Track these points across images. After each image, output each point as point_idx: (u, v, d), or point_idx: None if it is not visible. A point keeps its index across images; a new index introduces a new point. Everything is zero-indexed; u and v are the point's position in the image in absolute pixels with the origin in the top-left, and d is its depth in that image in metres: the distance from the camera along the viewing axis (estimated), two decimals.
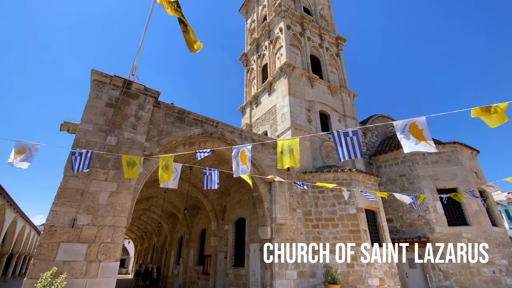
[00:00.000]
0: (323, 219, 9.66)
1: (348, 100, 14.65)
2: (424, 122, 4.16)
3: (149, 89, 7.43)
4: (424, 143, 4.18)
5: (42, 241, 5.02)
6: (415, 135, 4.19)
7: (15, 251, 22.74)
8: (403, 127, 4.22)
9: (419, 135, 4.18)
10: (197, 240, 15.06)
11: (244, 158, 5.24)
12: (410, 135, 4.19)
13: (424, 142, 4.18)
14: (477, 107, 4.04)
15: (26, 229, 23.49)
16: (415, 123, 4.17)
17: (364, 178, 10.49)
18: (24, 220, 21.77)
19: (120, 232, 5.76)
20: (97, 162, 6.03)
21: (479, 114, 4.03)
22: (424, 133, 4.16)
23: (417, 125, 4.17)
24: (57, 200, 5.39)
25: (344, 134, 4.44)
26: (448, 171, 11.94)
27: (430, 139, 4.18)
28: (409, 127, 4.19)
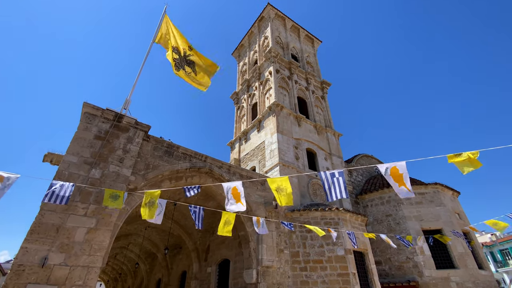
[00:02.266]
0: (311, 261, 9.32)
1: (333, 139, 15.20)
2: (404, 166, 4.38)
3: (140, 123, 7.50)
4: (403, 188, 4.37)
5: (8, 281, 4.54)
6: (395, 179, 4.38)
7: None
8: (384, 170, 4.41)
9: (399, 180, 4.37)
10: (176, 284, 13.93)
11: (237, 195, 5.20)
12: (391, 179, 4.37)
13: (403, 187, 4.38)
14: (451, 154, 4.34)
15: None
16: (396, 167, 4.38)
17: (352, 217, 10.46)
18: None
19: (94, 273, 5.32)
20: (77, 196, 5.78)
21: (453, 159, 4.31)
22: (404, 177, 4.36)
23: (398, 169, 4.38)
24: (30, 236, 5.02)
25: (331, 174, 4.57)
26: (432, 212, 12.14)
27: (409, 184, 4.38)
28: (390, 171, 4.38)
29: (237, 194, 5.24)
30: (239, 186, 5.29)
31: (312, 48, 20.34)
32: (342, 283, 8.76)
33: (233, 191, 5.27)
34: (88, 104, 6.81)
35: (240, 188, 5.28)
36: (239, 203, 5.18)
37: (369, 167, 16.40)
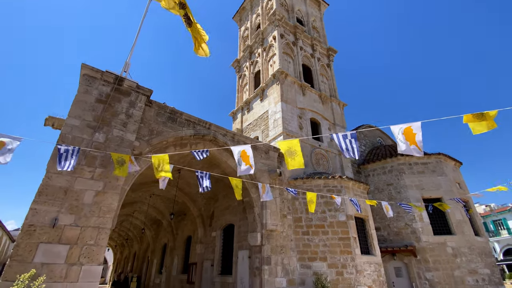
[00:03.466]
0: (313, 226, 9.59)
1: (338, 109, 14.93)
2: (418, 126, 4.28)
3: (141, 87, 7.24)
4: (414, 147, 4.30)
5: (19, 241, 4.64)
6: (407, 138, 4.31)
7: None
8: (398, 130, 4.31)
9: (411, 139, 4.30)
10: (181, 248, 14.55)
11: (246, 158, 5.14)
12: (403, 138, 4.29)
13: (414, 145, 4.31)
14: (468, 114, 4.20)
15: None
16: (411, 127, 4.27)
17: (354, 185, 10.58)
18: None
19: (105, 234, 5.43)
20: (83, 160, 5.72)
21: (470, 120, 4.19)
22: (416, 137, 4.28)
23: (412, 129, 4.28)
24: (38, 198, 5.03)
25: (343, 136, 4.46)
26: (434, 181, 12.28)
27: (420, 144, 4.31)
28: (403, 130, 4.29)
29: (246, 157, 5.18)
30: (248, 149, 5.21)
31: (318, 11, 19.20)
32: (343, 246, 9.09)
33: (243, 154, 5.21)
34: (86, 65, 6.50)
35: (249, 151, 5.21)
36: (248, 165, 5.14)
37: (373, 137, 16.33)
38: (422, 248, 10.91)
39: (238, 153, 5.25)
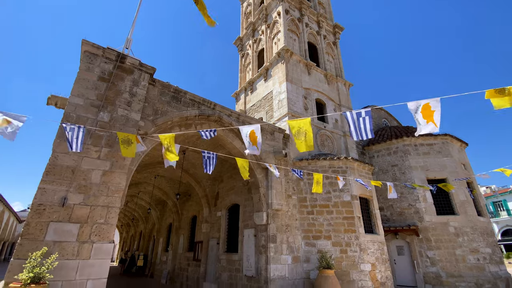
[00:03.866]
0: (318, 206, 9.66)
1: (344, 89, 14.60)
2: (437, 103, 4.10)
3: (144, 65, 7.00)
4: (431, 124, 4.15)
5: (29, 220, 4.66)
6: (425, 116, 4.15)
7: None
8: (415, 107, 4.14)
9: (429, 116, 4.14)
10: (187, 227, 14.84)
11: (254, 138, 5.03)
12: (421, 116, 4.13)
13: (431, 123, 4.15)
14: (491, 89, 4.03)
15: (5, 214, 22.47)
16: (429, 104, 4.10)
17: (359, 166, 10.54)
18: (3, 205, 20.78)
19: (114, 213, 5.46)
20: (89, 139, 5.64)
21: (492, 96, 4.02)
22: (434, 114, 4.12)
23: (430, 106, 4.11)
24: (46, 177, 5.00)
25: (357, 114, 4.30)
26: (439, 162, 12.22)
27: (438, 121, 4.15)
28: (421, 107, 4.12)
29: (255, 137, 5.07)
30: (256, 130, 5.09)
31: None
32: (347, 225, 9.20)
33: (251, 135, 5.10)
34: (87, 41, 6.24)
35: (257, 132, 5.09)
36: (254, 146, 5.04)
37: (378, 119, 16.11)
38: (424, 227, 11.06)
39: (246, 133, 5.13)
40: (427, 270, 10.54)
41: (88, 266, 4.87)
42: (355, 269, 8.60)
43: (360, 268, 8.60)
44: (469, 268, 10.19)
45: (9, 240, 30.14)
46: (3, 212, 21.54)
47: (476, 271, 10.11)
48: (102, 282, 4.94)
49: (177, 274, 14.39)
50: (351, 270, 8.60)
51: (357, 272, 8.56)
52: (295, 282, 8.60)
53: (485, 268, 10.15)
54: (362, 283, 8.42)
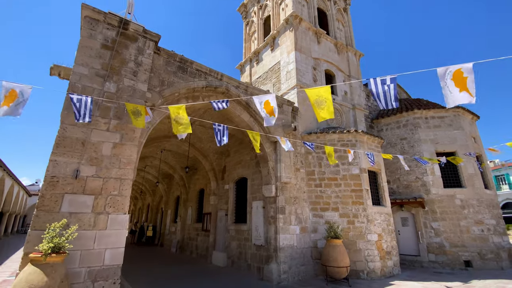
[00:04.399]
0: (326, 179, 9.68)
1: (354, 60, 13.99)
2: (470, 68, 3.79)
3: (148, 32, 6.59)
4: (465, 94, 3.85)
5: (44, 192, 4.64)
6: (457, 84, 3.84)
7: (5, 210, 22.47)
8: (445, 73, 3.84)
9: (462, 84, 3.83)
10: (194, 200, 15.14)
11: (270, 109, 4.81)
12: (453, 84, 3.83)
13: (465, 92, 3.86)
14: None
15: (14, 188, 23.00)
16: (461, 69, 3.79)
17: (369, 139, 10.38)
18: (12, 179, 21.18)
19: (127, 185, 5.44)
20: (96, 111, 5.46)
21: None
22: (468, 81, 3.80)
23: (462, 72, 3.79)
24: (56, 150, 4.91)
25: (381, 81, 4.03)
26: (449, 135, 12.01)
27: (473, 89, 3.84)
28: (452, 74, 3.82)
29: (270, 107, 4.85)
30: (272, 100, 4.85)
31: None
32: (355, 198, 9.27)
33: (266, 105, 4.87)
34: (87, 6, 5.81)
35: (273, 102, 4.85)
36: (272, 116, 4.84)
37: None
38: (431, 200, 11.15)
39: (261, 103, 4.90)
40: (430, 240, 10.80)
41: (105, 236, 4.95)
42: (362, 239, 8.80)
43: (367, 238, 8.80)
44: (473, 239, 10.41)
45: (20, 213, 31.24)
46: (12, 186, 22.03)
47: (479, 242, 10.35)
48: (119, 251, 5.04)
49: (186, 243, 14.95)
50: (358, 240, 8.80)
51: (364, 242, 8.77)
52: (303, 251, 8.87)
53: (488, 239, 10.36)
54: (368, 252, 8.66)
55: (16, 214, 28.72)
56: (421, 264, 10.74)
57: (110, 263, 4.89)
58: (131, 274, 8.64)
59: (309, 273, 8.73)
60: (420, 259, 10.83)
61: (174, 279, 8.32)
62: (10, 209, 23.45)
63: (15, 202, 25.13)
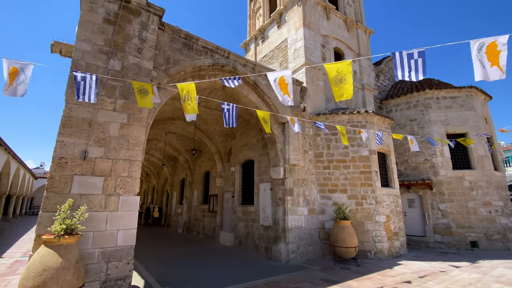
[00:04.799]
0: (334, 161, 9.55)
1: (364, 37, 13.40)
2: (505, 42, 3.48)
3: (152, 5, 6.20)
4: (496, 69, 3.57)
5: (53, 173, 4.53)
6: (490, 58, 3.56)
7: (12, 193, 22.79)
8: (479, 47, 3.55)
9: (494, 57, 3.54)
10: (200, 182, 15.17)
11: (285, 86, 4.53)
12: (485, 58, 3.55)
13: (496, 67, 3.58)
14: None
15: (20, 171, 23.18)
16: (495, 42, 3.50)
17: (379, 120, 10.12)
18: (17, 162, 21.28)
19: (137, 166, 5.32)
20: (102, 90, 5.23)
21: None
22: (500, 56, 3.52)
23: (496, 45, 3.51)
24: (63, 130, 4.74)
25: (408, 55, 3.75)
26: (461, 116, 11.71)
27: (504, 63, 3.56)
28: (486, 48, 3.53)
29: (285, 85, 4.58)
30: (287, 76, 4.57)
31: None
32: (364, 179, 9.18)
33: (280, 82, 4.59)
34: None
35: (288, 79, 4.58)
36: (286, 95, 4.58)
37: None
38: (439, 181, 11.06)
39: (275, 80, 4.63)
40: (437, 221, 10.83)
41: (117, 218, 4.90)
42: (370, 220, 8.80)
43: (375, 219, 8.79)
44: (480, 220, 10.41)
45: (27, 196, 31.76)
46: (18, 169, 22.20)
47: (486, 223, 10.35)
48: (131, 232, 5.01)
49: (193, 224, 15.17)
50: (366, 221, 8.81)
51: (372, 223, 8.78)
52: (311, 231, 8.91)
53: (496, 220, 10.36)
54: (376, 233, 8.68)
55: (23, 196, 29.21)
56: (427, 244, 10.84)
57: (123, 244, 4.88)
58: (140, 253, 8.77)
59: (317, 253, 8.83)
60: (426, 240, 10.92)
61: (183, 257, 8.45)
62: (17, 192, 23.78)
63: (21, 185, 25.45)
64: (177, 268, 7.27)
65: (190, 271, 7.00)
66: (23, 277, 3.55)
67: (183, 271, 7.01)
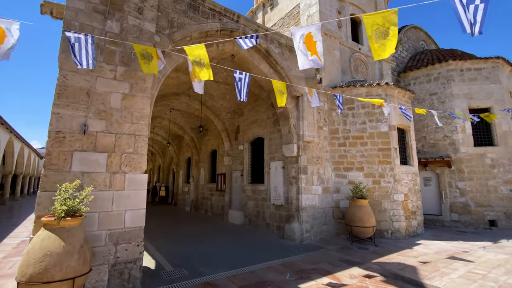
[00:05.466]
0: (351, 138, 8.98)
1: (382, 3, 12.25)
2: None
3: None
4: None
5: (50, 149, 4.04)
6: None
7: (18, 172, 22.78)
8: None
9: None
10: (207, 161, 14.80)
11: (312, 45, 3.84)
12: None
13: None
14: None
15: (25, 151, 23.02)
16: None
17: (399, 94, 9.40)
18: (21, 142, 21.02)
19: (143, 141, 4.81)
20: (99, 55, 4.60)
21: None
22: None
23: None
24: (58, 101, 4.19)
25: (467, 1, 3.03)
26: (485, 90, 10.90)
27: None
28: None
29: (313, 43, 3.90)
30: (315, 32, 3.88)
31: None
32: (382, 157, 8.66)
33: (308, 40, 3.90)
34: None
35: (316, 35, 3.89)
36: (315, 56, 3.91)
37: (416, 41, 14.05)
38: (458, 159, 10.52)
39: (300, 37, 3.95)
40: (455, 200, 10.43)
41: (124, 197, 4.48)
42: (387, 199, 8.39)
43: (393, 198, 8.38)
44: (500, 199, 9.98)
45: (34, 175, 31.97)
46: (22, 149, 22.00)
47: (506, 201, 9.92)
48: (140, 212, 4.62)
49: (200, 202, 15.01)
50: (383, 200, 8.41)
51: (389, 202, 8.38)
52: (325, 211, 8.57)
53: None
54: (394, 212, 8.31)
55: (30, 175, 29.38)
56: (442, 223, 10.52)
57: (132, 225, 4.49)
58: (149, 231, 8.55)
59: (331, 232, 8.54)
60: (442, 218, 10.59)
61: (193, 236, 8.22)
62: (24, 171, 23.79)
63: (27, 165, 25.43)
64: (187, 247, 7.02)
65: (201, 250, 6.73)
66: (22, 263, 3.18)
67: (194, 250, 6.74)
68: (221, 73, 9.42)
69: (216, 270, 5.28)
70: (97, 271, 4.08)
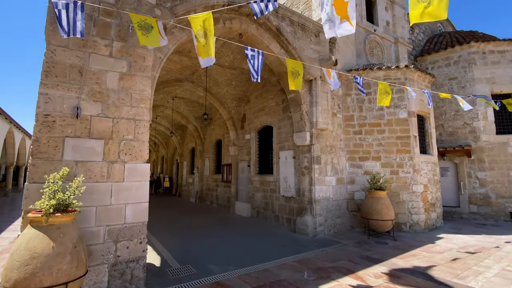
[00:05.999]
0: (367, 125, 8.38)
1: None
2: None
3: None
4: None
5: (38, 135, 3.53)
6: None
7: (20, 163, 22.54)
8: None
9: None
10: (212, 151, 14.31)
11: (343, 7, 3.19)
12: None
13: None
14: None
15: (27, 142, 22.69)
16: None
17: (419, 78, 8.72)
18: (22, 133, 20.66)
19: (144, 127, 4.28)
20: (92, 28, 4.01)
21: None
22: None
23: None
24: (46, 80, 3.64)
25: None
26: (509, 74, 10.14)
27: None
28: None
29: (343, 5, 3.27)
30: None
31: None
32: (400, 145, 8.07)
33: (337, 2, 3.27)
34: None
35: None
36: (345, 21, 3.29)
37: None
38: (479, 148, 9.89)
39: None
40: (474, 191, 9.86)
41: (124, 190, 3.98)
42: (406, 191, 7.86)
43: (412, 189, 7.84)
44: None
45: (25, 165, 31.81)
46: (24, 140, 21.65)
47: None
48: (143, 206, 4.13)
49: (205, 194, 14.62)
50: (402, 192, 7.88)
51: (408, 193, 7.84)
52: (339, 203, 8.07)
53: None
54: (413, 204, 7.79)
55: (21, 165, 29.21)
56: (460, 215, 10.01)
57: (133, 220, 4.02)
58: (153, 224, 8.15)
59: (345, 226, 8.07)
60: (460, 210, 10.07)
61: (199, 228, 7.79)
62: (26, 162, 23.55)
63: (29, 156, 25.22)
64: (194, 241, 6.59)
65: (209, 245, 6.30)
66: (7, 266, 2.72)
67: (201, 245, 6.31)
68: (227, 56, 8.78)
69: (226, 268, 4.83)
70: (96, 271, 3.63)
